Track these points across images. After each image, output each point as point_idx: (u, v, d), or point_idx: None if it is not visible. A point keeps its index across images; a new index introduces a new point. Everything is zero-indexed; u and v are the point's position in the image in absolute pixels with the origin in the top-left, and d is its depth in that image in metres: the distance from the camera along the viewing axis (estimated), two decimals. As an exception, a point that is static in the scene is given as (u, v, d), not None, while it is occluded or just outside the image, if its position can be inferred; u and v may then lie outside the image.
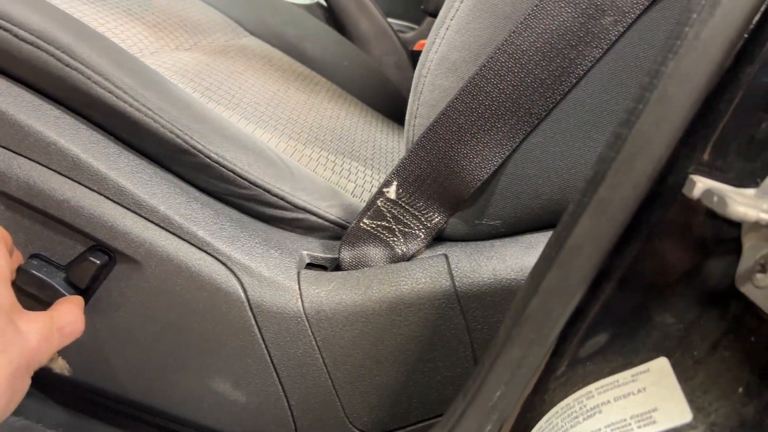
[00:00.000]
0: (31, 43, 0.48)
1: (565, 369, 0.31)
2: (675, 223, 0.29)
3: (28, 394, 0.64)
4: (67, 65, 0.49)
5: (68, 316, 0.46)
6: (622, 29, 0.43)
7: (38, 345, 0.42)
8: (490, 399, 0.30)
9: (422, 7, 1.52)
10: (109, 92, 0.50)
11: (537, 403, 0.32)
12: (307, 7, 1.21)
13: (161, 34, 0.80)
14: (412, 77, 0.57)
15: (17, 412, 0.64)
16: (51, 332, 0.44)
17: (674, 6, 0.43)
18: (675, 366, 0.28)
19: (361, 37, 1.21)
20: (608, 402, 0.29)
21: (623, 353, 0.30)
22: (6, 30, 0.48)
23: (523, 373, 0.29)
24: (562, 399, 0.31)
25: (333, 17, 1.24)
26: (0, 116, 0.49)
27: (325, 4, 1.26)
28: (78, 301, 0.50)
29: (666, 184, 0.29)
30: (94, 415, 0.66)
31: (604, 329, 0.30)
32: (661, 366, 0.28)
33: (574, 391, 0.30)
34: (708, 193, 0.26)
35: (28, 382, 0.42)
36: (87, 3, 0.74)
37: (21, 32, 0.48)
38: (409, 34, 1.48)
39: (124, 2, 0.81)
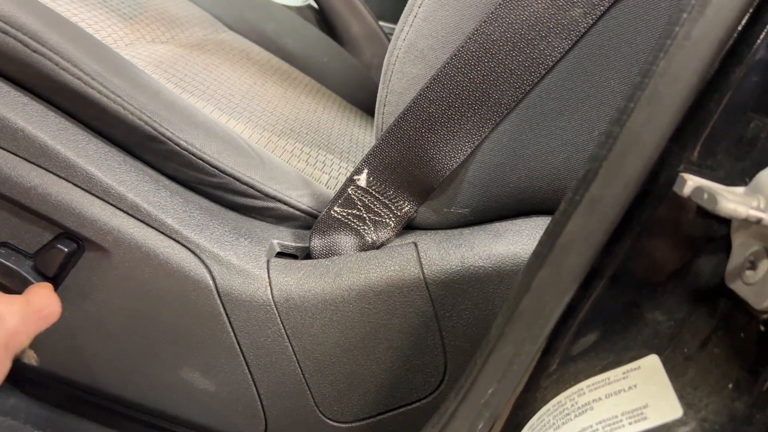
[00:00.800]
0: None
1: (557, 367, 0.28)
2: (666, 220, 0.27)
3: (16, 395, 0.59)
4: (35, 51, 0.44)
5: (44, 299, 0.44)
6: (591, 21, 0.40)
7: (16, 327, 0.39)
8: (482, 397, 0.27)
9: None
10: (78, 78, 0.46)
11: (529, 401, 0.29)
12: (298, 9, 1.15)
13: (137, 27, 0.74)
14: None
15: (4, 413, 0.60)
16: (29, 314, 0.41)
17: None
18: (666, 363, 0.26)
19: (351, 40, 1.14)
20: (599, 399, 0.26)
21: (614, 351, 0.27)
22: None
23: (515, 371, 0.26)
24: (553, 396, 0.28)
25: (324, 19, 1.18)
26: None
27: (316, 6, 1.19)
28: (51, 286, 0.46)
29: (657, 182, 0.27)
30: (82, 415, 0.61)
31: (596, 327, 0.28)
32: (651, 363, 0.26)
33: (565, 389, 0.28)
34: (698, 190, 0.24)
35: (8, 364, 0.39)
36: (60, -8, 0.67)
37: None
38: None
39: (99, -7, 0.74)
